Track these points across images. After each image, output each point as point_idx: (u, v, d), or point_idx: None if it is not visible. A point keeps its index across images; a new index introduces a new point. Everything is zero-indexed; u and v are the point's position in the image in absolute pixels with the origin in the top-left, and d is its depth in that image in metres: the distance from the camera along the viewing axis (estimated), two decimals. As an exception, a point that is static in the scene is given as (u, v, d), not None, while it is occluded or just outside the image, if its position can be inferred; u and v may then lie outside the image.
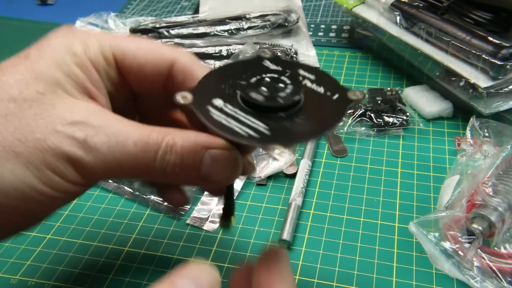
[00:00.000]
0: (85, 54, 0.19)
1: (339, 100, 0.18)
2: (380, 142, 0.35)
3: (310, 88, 0.18)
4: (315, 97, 0.18)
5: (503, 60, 0.32)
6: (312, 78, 0.18)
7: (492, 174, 0.27)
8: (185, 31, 0.46)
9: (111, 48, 0.19)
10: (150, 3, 0.58)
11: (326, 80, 0.18)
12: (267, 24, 0.46)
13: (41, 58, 0.18)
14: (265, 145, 0.18)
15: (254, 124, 0.16)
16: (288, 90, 0.17)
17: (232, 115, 0.17)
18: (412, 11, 0.39)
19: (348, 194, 0.31)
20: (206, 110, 0.17)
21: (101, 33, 0.20)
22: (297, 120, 0.17)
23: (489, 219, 0.25)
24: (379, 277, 0.26)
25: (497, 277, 0.24)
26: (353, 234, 0.28)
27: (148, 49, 0.20)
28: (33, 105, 0.17)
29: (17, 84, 0.17)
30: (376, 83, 0.42)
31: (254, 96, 0.17)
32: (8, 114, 0.17)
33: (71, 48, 0.18)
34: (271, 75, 0.17)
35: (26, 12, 0.57)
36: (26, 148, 0.16)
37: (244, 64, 0.19)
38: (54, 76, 0.18)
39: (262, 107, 0.16)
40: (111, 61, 0.19)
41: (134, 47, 0.20)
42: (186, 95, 0.17)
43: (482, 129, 0.32)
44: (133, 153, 0.17)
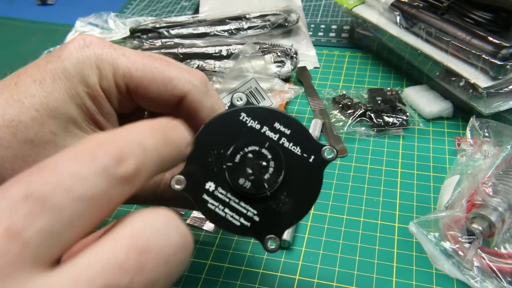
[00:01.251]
0: (98, 84, 0.19)
1: (316, 164, 0.19)
2: (380, 142, 0.35)
3: (288, 149, 0.19)
4: (293, 161, 0.19)
5: (503, 60, 0.32)
6: (288, 133, 0.19)
7: (492, 174, 0.27)
8: (185, 31, 0.46)
9: (125, 80, 0.19)
10: (150, 3, 0.58)
11: (302, 136, 0.19)
12: (267, 24, 0.46)
13: (56, 89, 0.18)
14: (257, 237, 0.19)
15: (245, 209, 0.19)
16: (271, 169, 0.19)
17: (224, 201, 0.19)
18: (412, 11, 0.39)
19: (348, 194, 0.31)
20: (201, 199, 0.19)
21: (115, 54, 0.19)
22: (281, 199, 0.19)
23: (489, 219, 0.25)
24: (379, 277, 0.26)
25: (497, 277, 0.24)
26: (353, 234, 0.28)
27: (161, 82, 0.19)
28: (47, 147, 0.18)
29: (33, 124, 0.18)
30: (376, 83, 0.42)
31: (242, 183, 0.18)
32: (25, 156, 0.18)
33: (85, 78, 0.19)
34: (253, 149, 0.19)
35: (26, 12, 0.57)
36: None
37: (224, 123, 0.19)
38: (67, 112, 0.18)
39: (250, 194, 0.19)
40: (123, 91, 0.20)
41: (147, 80, 0.19)
42: (180, 180, 0.19)
43: (482, 129, 0.32)
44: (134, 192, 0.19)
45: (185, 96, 0.20)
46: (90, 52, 0.19)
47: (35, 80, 0.18)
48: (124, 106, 0.20)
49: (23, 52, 0.49)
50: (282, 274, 0.26)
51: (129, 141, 0.13)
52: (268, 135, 0.19)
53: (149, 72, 0.19)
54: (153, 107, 0.21)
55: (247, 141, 0.19)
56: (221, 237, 0.29)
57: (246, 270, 0.26)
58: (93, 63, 0.19)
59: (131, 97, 0.20)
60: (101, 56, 0.19)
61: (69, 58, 0.19)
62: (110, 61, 0.19)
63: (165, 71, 0.20)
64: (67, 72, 0.18)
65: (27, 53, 0.48)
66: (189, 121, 0.20)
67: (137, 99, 0.20)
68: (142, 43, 0.45)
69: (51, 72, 0.18)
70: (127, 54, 0.20)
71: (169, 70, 0.20)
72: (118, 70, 0.19)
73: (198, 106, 0.20)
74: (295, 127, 0.19)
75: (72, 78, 0.18)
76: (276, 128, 0.19)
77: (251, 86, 0.37)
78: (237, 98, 0.20)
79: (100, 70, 0.19)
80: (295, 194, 0.19)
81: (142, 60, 0.20)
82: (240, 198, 0.19)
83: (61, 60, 0.19)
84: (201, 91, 0.20)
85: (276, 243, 0.19)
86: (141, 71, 0.19)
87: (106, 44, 0.20)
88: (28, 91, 0.18)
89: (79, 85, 0.19)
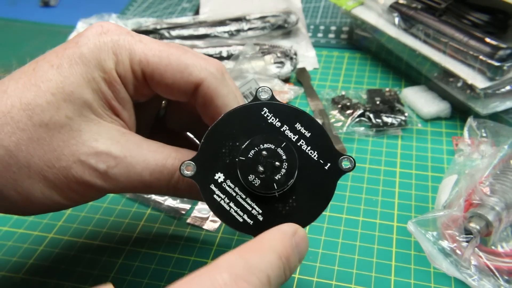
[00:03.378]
0: (114, 70, 0.19)
1: (331, 172, 0.19)
2: (378, 142, 0.36)
3: (305, 152, 0.19)
4: (308, 166, 0.19)
5: (500, 61, 0.33)
6: (308, 135, 0.19)
7: (489, 174, 0.27)
8: (186, 32, 0.46)
9: (141, 65, 0.19)
10: (151, 5, 0.58)
11: (321, 141, 0.19)
12: (267, 26, 0.47)
13: (72, 73, 0.18)
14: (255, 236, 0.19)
15: (250, 207, 0.18)
16: (283, 171, 0.18)
17: (231, 195, 0.18)
18: (411, 13, 0.39)
19: (347, 194, 0.31)
20: (208, 190, 0.18)
21: (132, 40, 0.19)
22: (289, 202, 0.18)
23: (487, 218, 0.25)
24: (378, 276, 0.26)
25: (494, 276, 0.24)
26: (352, 233, 0.29)
27: (177, 69, 0.20)
28: (62, 131, 0.18)
29: (49, 107, 0.18)
30: (374, 83, 0.42)
31: (251, 180, 0.18)
32: (39, 139, 0.18)
33: (101, 63, 0.19)
34: (268, 147, 0.18)
35: (28, 13, 0.57)
36: (53, 174, 0.19)
37: (244, 115, 0.19)
38: (83, 96, 0.19)
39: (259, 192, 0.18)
40: (140, 77, 0.20)
41: (163, 65, 0.19)
42: (190, 165, 0.18)
43: (480, 129, 0.32)
44: (148, 181, 0.19)
45: (201, 83, 0.20)
46: (107, 39, 0.19)
47: (53, 65, 0.19)
48: (140, 93, 0.20)
49: (25, 53, 0.49)
50: (281, 272, 0.26)
51: (261, 278, 0.15)
52: (287, 134, 0.19)
53: (165, 58, 0.19)
54: (169, 94, 0.20)
55: (264, 137, 0.18)
56: (222, 236, 0.29)
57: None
58: (110, 49, 0.19)
59: (147, 83, 0.20)
60: (118, 42, 0.19)
61: (86, 44, 0.19)
62: (127, 47, 0.19)
63: (181, 58, 0.20)
64: (84, 57, 0.19)
65: (29, 54, 0.48)
66: (204, 109, 0.20)
67: (153, 86, 0.20)
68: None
69: (68, 57, 0.19)
70: (144, 40, 0.20)
71: (185, 57, 0.20)
72: (135, 56, 0.19)
73: (214, 93, 0.20)
74: (316, 131, 0.19)
75: (88, 63, 0.19)
76: (297, 129, 0.19)
77: (251, 86, 0.37)
78: (262, 91, 0.19)
79: (117, 55, 0.19)
80: (304, 200, 0.18)
81: (159, 47, 0.20)
82: (248, 194, 0.18)
83: (79, 46, 0.19)
84: (217, 78, 0.20)
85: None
86: (157, 57, 0.19)
87: (124, 30, 0.20)
88: (45, 75, 0.18)
89: (95, 70, 0.19)
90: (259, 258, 0.15)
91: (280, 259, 0.16)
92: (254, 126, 0.19)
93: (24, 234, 0.29)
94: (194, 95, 0.20)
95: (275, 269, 0.15)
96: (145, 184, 0.19)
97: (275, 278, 0.15)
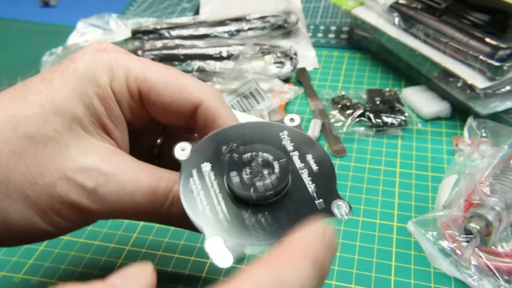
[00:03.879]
0: (109, 85, 0.18)
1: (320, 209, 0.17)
2: (378, 142, 0.36)
3: (302, 180, 0.17)
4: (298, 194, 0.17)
5: (500, 61, 0.33)
6: (314, 169, 0.18)
7: (489, 174, 0.27)
8: (186, 32, 0.46)
9: (137, 82, 0.19)
10: (151, 5, 0.58)
11: (325, 179, 0.17)
12: (267, 26, 0.47)
13: (64, 86, 0.18)
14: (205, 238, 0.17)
15: (217, 202, 0.16)
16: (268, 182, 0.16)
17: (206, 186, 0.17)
18: (411, 13, 0.39)
19: (347, 194, 0.31)
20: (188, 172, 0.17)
21: (130, 59, 0.19)
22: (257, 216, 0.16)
23: (487, 218, 0.25)
24: (378, 276, 0.26)
25: (494, 276, 0.24)
26: (351, 233, 0.29)
27: (175, 88, 0.19)
28: (48, 145, 0.17)
29: (36, 119, 0.17)
30: (374, 83, 0.42)
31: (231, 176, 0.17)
32: (22, 152, 0.17)
33: (95, 78, 0.18)
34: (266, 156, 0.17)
35: (28, 13, 0.57)
36: (35, 192, 0.17)
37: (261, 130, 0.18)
38: (73, 110, 0.18)
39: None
40: (136, 95, 0.19)
41: (161, 83, 0.19)
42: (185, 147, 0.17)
43: (480, 129, 0.32)
44: (140, 203, 0.18)
45: (200, 104, 0.19)
46: (104, 55, 0.19)
47: (44, 79, 0.18)
48: (135, 114, 0.20)
49: (25, 54, 0.49)
50: (281, 272, 0.26)
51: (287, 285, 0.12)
52: (294, 160, 0.18)
53: (163, 77, 0.19)
54: (167, 115, 0.19)
55: (268, 148, 0.17)
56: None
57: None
58: (106, 65, 0.18)
59: (143, 104, 0.19)
60: (115, 59, 0.19)
61: (81, 59, 0.18)
62: (123, 64, 0.19)
63: (179, 78, 0.19)
64: (77, 71, 0.18)
65: (29, 54, 0.48)
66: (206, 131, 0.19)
67: (149, 106, 0.19)
68: (143, 44, 0.45)
69: (61, 71, 0.18)
70: (142, 60, 0.19)
71: (183, 78, 0.19)
72: (131, 73, 0.19)
73: (216, 114, 0.19)
74: (324, 168, 0.18)
75: (82, 77, 0.18)
76: (306, 159, 0.18)
77: (251, 86, 0.37)
78: (291, 118, 0.19)
79: (113, 71, 0.18)
80: (274, 223, 0.16)
81: (157, 67, 0.19)
82: (223, 192, 0.17)
83: (74, 61, 0.18)
84: (217, 99, 0.19)
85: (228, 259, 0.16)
86: (155, 75, 0.19)
87: (122, 50, 0.19)
88: (35, 88, 0.18)
89: (89, 85, 0.18)
90: (291, 271, 0.13)
91: (315, 268, 0.13)
92: (266, 139, 0.18)
93: (24, 234, 0.29)
94: (192, 118, 0.19)
95: (310, 281, 0.13)
96: (137, 207, 0.18)
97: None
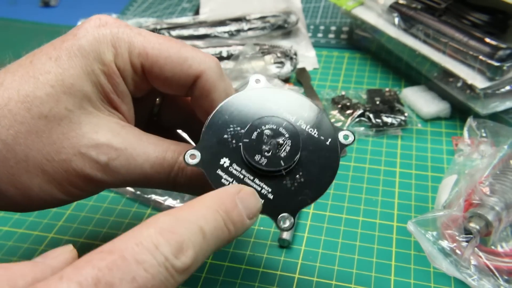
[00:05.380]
0: (114, 62, 0.19)
1: (332, 147, 0.19)
2: (378, 142, 0.36)
3: (305, 131, 0.19)
4: (310, 143, 0.19)
5: (500, 61, 0.33)
6: (305, 115, 0.20)
7: (489, 174, 0.27)
8: (186, 32, 0.46)
9: (140, 58, 0.19)
10: (151, 5, 0.58)
11: (319, 120, 0.20)
12: (267, 26, 0.47)
13: (71, 66, 0.18)
14: (270, 216, 0.19)
15: (259, 187, 0.19)
16: (288, 148, 0.18)
17: (239, 177, 0.19)
18: (410, 13, 0.39)
19: (347, 194, 0.32)
20: (216, 176, 0.19)
21: (131, 33, 0.19)
22: (296, 178, 0.19)
23: (486, 218, 0.25)
24: (378, 276, 0.26)
25: (493, 275, 0.24)
26: (352, 233, 0.29)
27: (176, 62, 0.19)
28: (61, 123, 0.18)
29: (48, 99, 0.18)
30: (374, 83, 0.42)
31: (257, 160, 0.18)
32: (38, 132, 0.18)
33: (100, 55, 0.19)
34: (270, 127, 0.19)
35: (29, 13, 0.57)
36: (52, 167, 0.18)
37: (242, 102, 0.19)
38: (82, 89, 0.18)
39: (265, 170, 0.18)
40: (139, 70, 0.20)
41: (162, 58, 0.19)
42: (194, 154, 0.19)
43: (479, 129, 0.32)
44: (149, 174, 0.19)
45: (200, 76, 0.20)
46: (106, 31, 0.19)
47: (51, 57, 0.18)
48: (138, 87, 0.20)
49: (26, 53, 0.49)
50: (281, 272, 0.27)
51: (190, 228, 0.14)
52: (286, 116, 0.19)
53: (165, 51, 0.19)
54: (168, 87, 0.20)
55: (264, 119, 0.19)
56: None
57: (246, 269, 0.27)
58: (109, 41, 0.19)
59: (145, 77, 0.20)
60: (117, 35, 0.19)
61: (85, 36, 0.19)
62: (126, 40, 0.19)
63: (181, 50, 0.20)
64: (83, 50, 0.18)
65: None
66: (201, 102, 0.20)
67: (151, 79, 0.20)
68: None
69: (67, 49, 0.18)
70: (143, 33, 0.20)
71: (185, 50, 0.20)
72: (134, 49, 0.19)
73: (212, 86, 0.20)
74: (312, 111, 0.19)
75: (87, 56, 0.18)
76: (294, 111, 0.19)
77: (251, 87, 0.37)
78: (255, 79, 0.20)
79: (116, 48, 0.19)
80: (311, 175, 0.19)
81: (158, 40, 0.20)
82: (255, 175, 0.19)
83: (77, 38, 0.19)
84: (216, 72, 0.20)
85: (290, 222, 0.18)
86: (157, 50, 0.19)
87: (122, 23, 0.20)
88: (43, 68, 0.18)
89: (95, 63, 0.18)
90: (189, 213, 0.15)
91: (217, 212, 0.15)
92: (253, 110, 0.19)
93: (25, 234, 0.29)
94: (191, 88, 0.20)
95: (210, 221, 0.15)
96: (145, 177, 0.19)
97: (211, 229, 0.15)
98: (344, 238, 0.28)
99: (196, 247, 0.14)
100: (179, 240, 0.14)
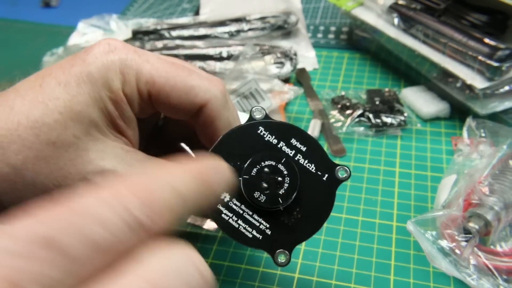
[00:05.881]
0: (121, 89, 0.19)
1: (329, 182, 0.20)
2: (378, 142, 0.36)
3: (303, 165, 0.20)
4: (307, 178, 0.20)
5: (499, 62, 0.33)
6: (304, 150, 0.20)
7: (488, 174, 0.27)
8: (186, 33, 0.46)
9: (147, 86, 0.19)
10: (151, 5, 0.59)
11: (317, 154, 0.20)
12: (267, 26, 0.47)
13: (80, 93, 0.18)
14: (268, 251, 0.19)
15: (258, 222, 0.19)
16: (286, 185, 0.19)
17: (238, 213, 0.19)
18: (410, 13, 0.39)
19: (346, 194, 0.32)
20: (216, 210, 0.19)
21: (139, 60, 0.20)
22: (294, 214, 0.19)
23: (485, 218, 0.25)
24: (377, 275, 0.26)
25: (493, 275, 0.24)
26: (351, 233, 0.29)
27: (183, 90, 0.20)
28: (69, 150, 0.18)
29: (56, 126, 0.18)
30: (374, 83, 0.42)
31: (256, 197, 0.19)
32: (46, 157, 0.18)
33: (108, 82, 0.19)
34: (269, 164, 0.19)
35: (29, 14, 0.57)
36: (58, 192, 0.18)
37: (242, 135, 0.20)
38: (90, 116, 0.19)
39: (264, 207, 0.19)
40: (145, 97, 0.20)
41: (169, 86, 0.19)
42: None
43: (479, 129, 0.32)
44: None
45: (205, 105, 0.20)
46: (115, 57, 0.19)
47: (60, 82, 0.18)
48: (144, 111, 0.21)
49: (26, 54, 0.50)
50: (281, 272, 0.27)
51: (161, 184, 0.11)
52: (285, 150, 0.20)
53: (172, 79, 0.20)
54: (173, 113, 0.21)
55: (264, 155, 0.19)
56: (222, 236, 0.29)
57: (246, 268, 0.27)
58: (117, 68, 0.19)
59: (151, 103, 0.20)
60: (126, 62, 0.19)
61: (94, 63, 0.19)
62: (134, 67, 0.19)
63: (187, 79, 0.20)
64: (91, 76, 0.19)
65: (30, 54, 0.48)
66: (204, 129, 0.21)
67: (157, 105, 0.20)
68: (144, 44, 0.45)
69: (76, 75, 0.19)
70: (151, 60, 0.20)
71: (191, 79, 0.20)
72: (142, 76, 0.19)
73: (216, 116, 0.20)
74: (311, 145, 0.20)
75: (96, 82, 0.19)
76: (293, 144, 0.20)
77: (251, 87, 0.37)
78: (256, 111, 0.20)
79: (124, 75, 0.19)
80: (308, 210, 0.19)
81: (165, 68, 0.20)
82: (254, 211, 0.19)
83: (86, 64, 0.19)
84: (220, 101, 0.20)
85: (286, 257, 0.19)
86: (163, 78, 0.19)
87: (131, 49, 0.20)
88: (52, 93, 0.18)
89: (103, 90, 0.19)
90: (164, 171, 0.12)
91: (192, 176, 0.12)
92: (252, 145, 0.20)
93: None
94: (195, 115, 0.21)
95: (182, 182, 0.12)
96: None
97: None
98: (344, 238, 0.28)
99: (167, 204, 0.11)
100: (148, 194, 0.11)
